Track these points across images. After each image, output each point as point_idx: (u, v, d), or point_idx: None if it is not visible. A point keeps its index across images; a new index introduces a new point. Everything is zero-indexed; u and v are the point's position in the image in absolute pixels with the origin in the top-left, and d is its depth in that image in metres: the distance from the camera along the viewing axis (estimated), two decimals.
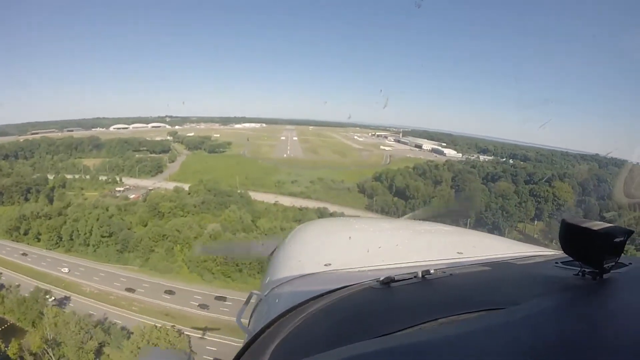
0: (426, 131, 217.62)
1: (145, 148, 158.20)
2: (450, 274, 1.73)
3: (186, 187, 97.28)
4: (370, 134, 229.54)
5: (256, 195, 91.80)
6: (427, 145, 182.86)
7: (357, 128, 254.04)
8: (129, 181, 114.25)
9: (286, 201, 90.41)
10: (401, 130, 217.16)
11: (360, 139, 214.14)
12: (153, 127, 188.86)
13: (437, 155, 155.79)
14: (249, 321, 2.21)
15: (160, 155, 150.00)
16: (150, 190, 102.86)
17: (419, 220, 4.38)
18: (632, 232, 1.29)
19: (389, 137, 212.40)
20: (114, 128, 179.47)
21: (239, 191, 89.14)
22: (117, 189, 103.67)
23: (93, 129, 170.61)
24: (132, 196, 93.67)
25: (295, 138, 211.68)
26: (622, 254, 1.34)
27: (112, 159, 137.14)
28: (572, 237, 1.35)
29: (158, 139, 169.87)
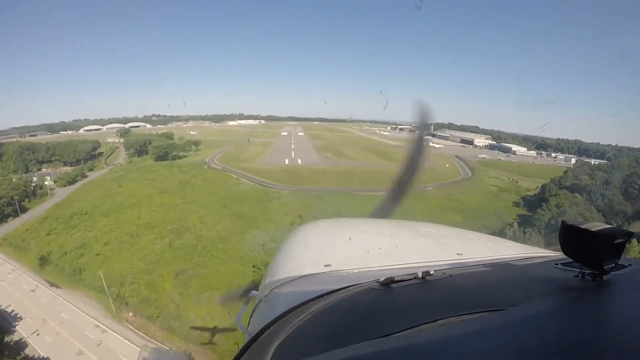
0: (452, 124, 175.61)
1: (56, 158, 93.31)
2: (450, 275, 1.66)
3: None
4: (389, 128, 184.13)
5: None
6: (480, 140, 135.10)
7: (368, 123, 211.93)
8: None
9: None
10: (432, 124, 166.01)
11: (385, 133, 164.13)
12: (131, 127, 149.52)
13: (509, 155, 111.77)
14: (249, 322, 2.05)
15: (71, 168, 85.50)
16: None
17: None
18: (632, 233, 1.26)
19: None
20: (84, 130, 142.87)
21: None
22: None
23: (62, 132, 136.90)
24: None
25: (301, 133, 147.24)
26: (622, 256, 1.29)
27: None
28: (572, 239, 1.29)
29: (110, 140, 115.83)
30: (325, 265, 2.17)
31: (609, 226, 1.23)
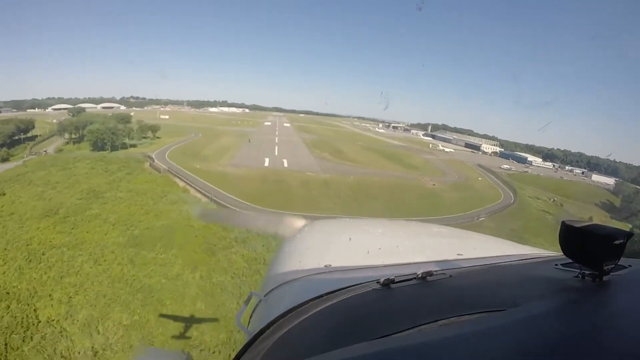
0: (447, 125, 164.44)
1: None
2: (451, 275, 1.63)
3: None
4: (381, 125, 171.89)
5: None
6: (487, 146, 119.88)
7: (356, 119, 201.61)
8: None
9: None
10: (430, 124, 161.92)
11: (380, 130, 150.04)
12: (103, 107, 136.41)
13: (527, 165, 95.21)
14: (249, 322, 2.07)
15: None
16: None
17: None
18: (632, 234, 1.25)
19: (412, 131, 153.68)
20: (52, 109, 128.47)
21: None
22: None
23: (29, 110, 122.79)
24: None
25: (287, 124, 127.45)
26: (622, 256, 1.29)
27: None
28: (572, 239, 1.28)
29: (54, 121, 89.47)
30: (325, 265, 2.16)
31: (609, 227, 1.23)
